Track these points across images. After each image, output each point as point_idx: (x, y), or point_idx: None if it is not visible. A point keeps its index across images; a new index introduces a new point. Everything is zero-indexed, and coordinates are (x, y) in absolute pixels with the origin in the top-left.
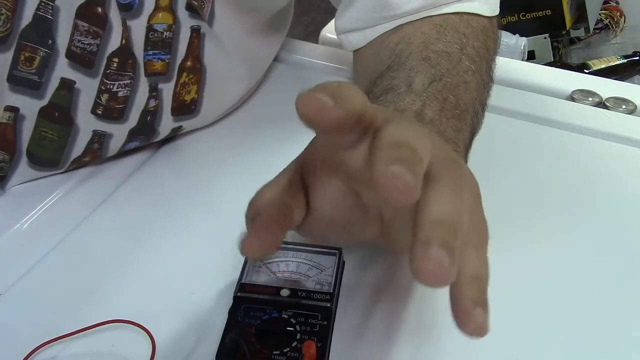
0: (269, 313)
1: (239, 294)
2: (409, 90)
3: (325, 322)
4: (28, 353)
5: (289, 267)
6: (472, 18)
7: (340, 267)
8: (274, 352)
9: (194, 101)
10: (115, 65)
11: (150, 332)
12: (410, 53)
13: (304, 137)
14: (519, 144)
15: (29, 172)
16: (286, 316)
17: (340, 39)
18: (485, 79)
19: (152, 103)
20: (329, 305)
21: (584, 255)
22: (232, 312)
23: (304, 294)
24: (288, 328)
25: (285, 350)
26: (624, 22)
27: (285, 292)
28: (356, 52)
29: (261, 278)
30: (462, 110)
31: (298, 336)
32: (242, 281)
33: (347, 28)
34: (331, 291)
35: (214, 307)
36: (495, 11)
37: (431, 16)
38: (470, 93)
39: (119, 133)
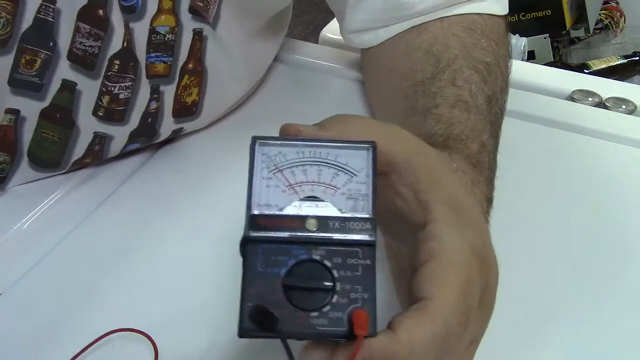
0: (296, 256)
1: (251, 234)
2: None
3: (368, 262)
4: None
5: (308, 174)
6: (494, 21)
7: (375, 168)
8: (312, 314)
9: (195, 103)
10: (116, 67)
11: (152, 337)
12: (455, 57)
13: None
14: (519, 144)
15: (30, 173)
16: (318, 257)
17: (350, 37)
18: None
19: (153, 105)
20: (368, 238)
21: (584, 255)
22: (249, 259)
23: (336, 223)
24: (323, 278)
25: (325, 310)
26: (624, 22)
27: (311, 224)
28: (366, 50)
29: (275, 195)
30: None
31: (338, 287)
32: (253, 210)
33: (359, 28)
34: (370, 215)
35: (215, 309)
36: (506, 9)
37: (451, 15)
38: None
39: (119, 135)
